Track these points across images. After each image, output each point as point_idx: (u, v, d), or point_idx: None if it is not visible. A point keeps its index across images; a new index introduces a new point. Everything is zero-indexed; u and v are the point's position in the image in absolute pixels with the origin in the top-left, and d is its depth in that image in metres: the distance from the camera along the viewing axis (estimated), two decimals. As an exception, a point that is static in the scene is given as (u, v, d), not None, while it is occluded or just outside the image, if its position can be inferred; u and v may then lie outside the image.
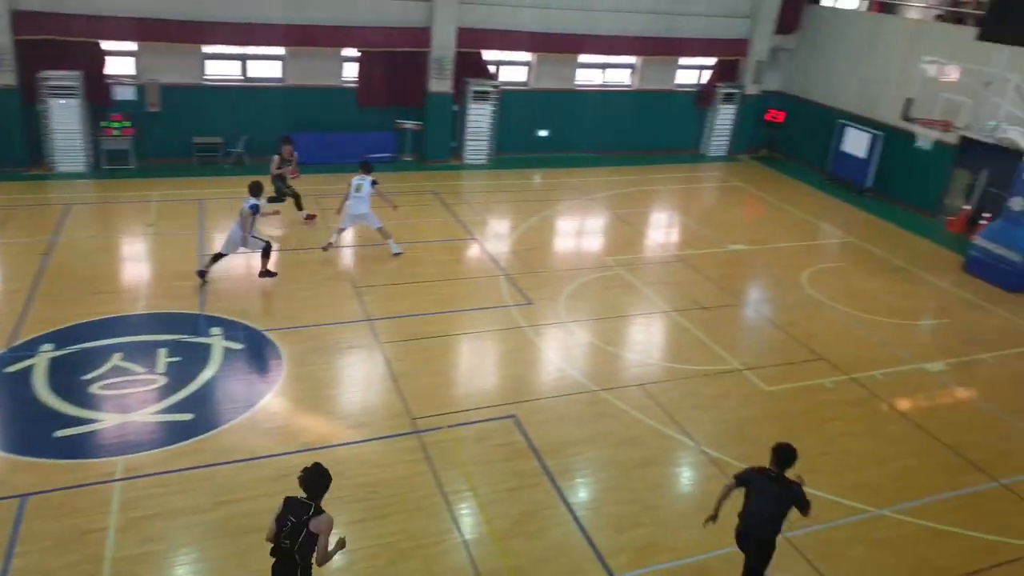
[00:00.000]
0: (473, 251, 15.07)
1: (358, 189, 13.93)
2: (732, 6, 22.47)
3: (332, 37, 18.81)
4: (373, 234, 14.47)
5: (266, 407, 9.61)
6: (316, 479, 5.95)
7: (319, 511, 5.85)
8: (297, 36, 18.48)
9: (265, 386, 10.04)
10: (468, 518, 8.08)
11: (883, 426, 10.34)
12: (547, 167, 21.09)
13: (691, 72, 23.48)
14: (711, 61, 23.14)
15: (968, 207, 18.54)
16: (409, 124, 20.27)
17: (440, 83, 20.04)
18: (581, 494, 8.61)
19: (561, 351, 11.62)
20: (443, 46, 19.69)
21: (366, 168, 14.30)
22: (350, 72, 19.90)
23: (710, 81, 23.19)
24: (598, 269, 14.60)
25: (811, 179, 21.91)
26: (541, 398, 10.31)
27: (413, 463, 8.80)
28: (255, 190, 12.50)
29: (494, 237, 15.92)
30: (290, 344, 11.03)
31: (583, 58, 21.86)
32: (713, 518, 6.96)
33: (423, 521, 7.95)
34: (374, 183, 14.09)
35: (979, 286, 15.19)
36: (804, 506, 6.68)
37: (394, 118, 20.32)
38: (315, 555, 5.81)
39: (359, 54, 19.50)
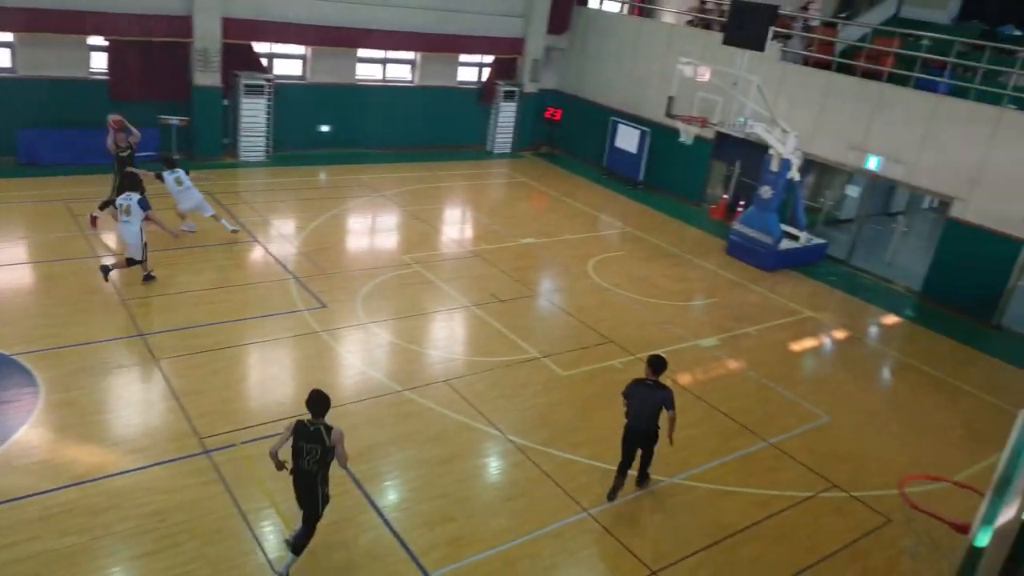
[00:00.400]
0: (257, 254, 14.24)
1: (178, 182, 13.80)
2: (506, 5, 23.06)
3: (71, 23, 16.83)
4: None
5: (21, 442, 8.42)
6: (320, 401, 6.79)
7: (329, 427, 6.80)
8: (24, 20, 16.29)
9: (17, 419, 8.79)
10: (273, 536, 7.60)
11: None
12: (332, 164, 20.44)
13: (472, 69, 23.87)
14: (490, 59, 23.63)
15: (726, 196, 20.45)
16: (174, 120, 18.76)
17: (206, 76, 18.75)
18: (390, 497, 8.40)
19: (361, 354, 11.28)
20: (207, 37, 18.43)
21: (170, 163, 14.03)
22: (100, 63, 18.05)
23: (490, 78, 23.68)
24: (394, 267, 14.37)
25: (590, 174, 23.08)
26: (343, 404, 9.90)
27: (204, 485, 8.11)
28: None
29: (279, 238, 15.15)
30: (46, 368, 9.76)
31: (363, 52, 21.46)
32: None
33: (222, 544, 7.36)
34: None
35: (740, 267, 16.78)
36: (671, 405, 8.39)
37: (157, 113, 18.73)
38: (339, 461, 6.90)
39: (108, 43, 17.75)
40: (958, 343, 14.33)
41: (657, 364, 8.49)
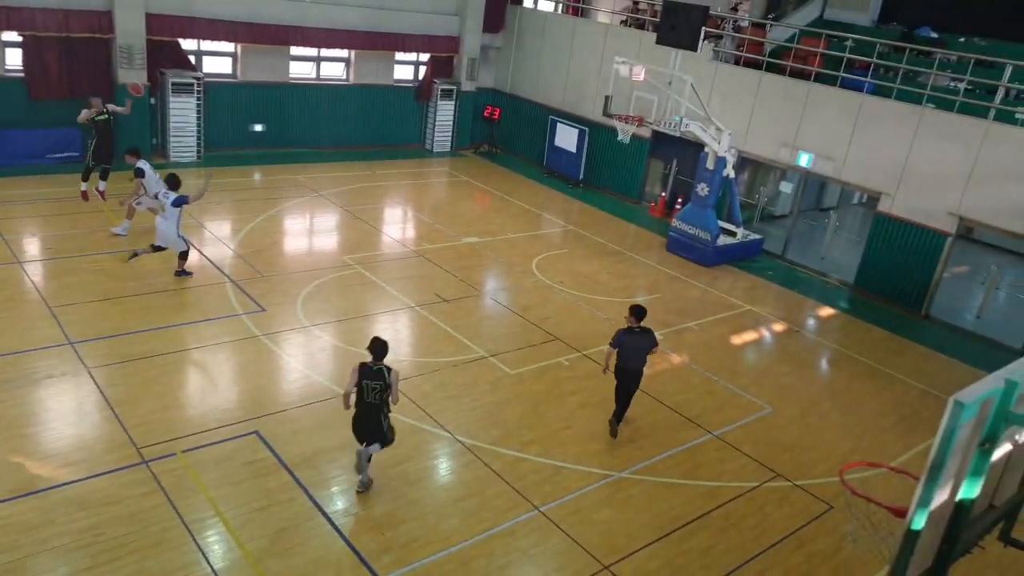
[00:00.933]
0: (191, 257, 13.78)
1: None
2: (441, 3, 22.92)
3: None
4: (65, 244, 12.64)
5: (-57, 458, 7.98)
6: (380, 346, 8.09)
7: (388, 368, 8.07)
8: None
9: (-62, 433, 8.32)
10: (217, 545, 7.36)
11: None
12: (267, 164, 19.99)
13: (409, 68, 23.65)
14: (426, 57, 23.46)
15: (664, 194, 20.75)
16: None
17: (131, 74, 18.10)
18: (339, 502, 8.23)
19: (303, 357, 11.03)
20: (130, 33, 17.79)
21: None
22: (16, 60, 17.26)
23: (427, 77, 23.50)
24: (335, 268, 14.11)
25: (530, 173, 23.12)
26: (286, 409, 9.70)
27: (144, 496, 7.81)
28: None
29: (214, 241, 14.73)
30: (-32, 380, 9.27)
31: (296, 51, 21.04)
32: (605, 370, 9.85)
33: (164, 556, 7.09)
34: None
35: (680, 263, 17.03)
36: (655, 344, 9.86)
37: (79, 112, 17.99)
38: (392, 397, 8.11)
39: (22, 39, 16.98)
40: (890, 333, 14.84)
41: (639, 312, 9.80)
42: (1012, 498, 5.01)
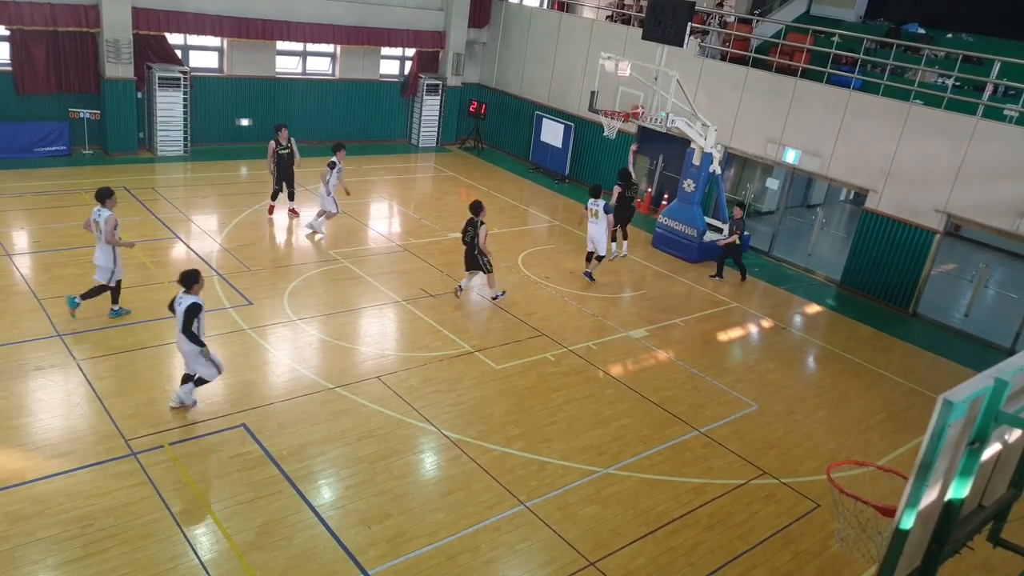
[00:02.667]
0: (178, 251, 13.74)
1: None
2: (426, -2, 22.89)
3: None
4: (53, 237, 12.54)
5: (-72, 451, 7.92)
6: (475, 207, 12.51)
7: (480, 223, 12.56)
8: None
9: (-77, 426, 8.26)
10: (205, 537, 7.34)
11: (601, 391, 11.14)
12: (253, 158, 19.86)
13: (394, 63, 23.57)
14: (412, 52, 23.37)
15: (650, 190, 20.78)
16: (85, 113, 17.93)
17: (118, 68, 17.96)
18: (326, 495, 8.22)
19: (290, 351, 11.00)
20: (116, 27, 17.68)
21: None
22: (3, 54, 17.13)
23: (412, 72, 23.43)
24: (322, 263, 14.07)
25: (516, 168, 23.11)
26: (273, 402, 9.67)
27: (133, 488, 7.78)
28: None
29: (201, 235, 14.64)
30: (-46, 372, 9.20)
31: (282, 45, 20.93)
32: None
33: (152, 548, 7.07)
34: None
35: (666, 259, 17.09)
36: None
37: (67, 106, 17.87)
38: (479, 243, 12.55)
39: (9, 33, 16.85)
40: (877, 330, 14.91)
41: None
42: (1001, 498, 4.99)
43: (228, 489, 8.01)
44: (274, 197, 16.03)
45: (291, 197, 16.19)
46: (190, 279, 8.77)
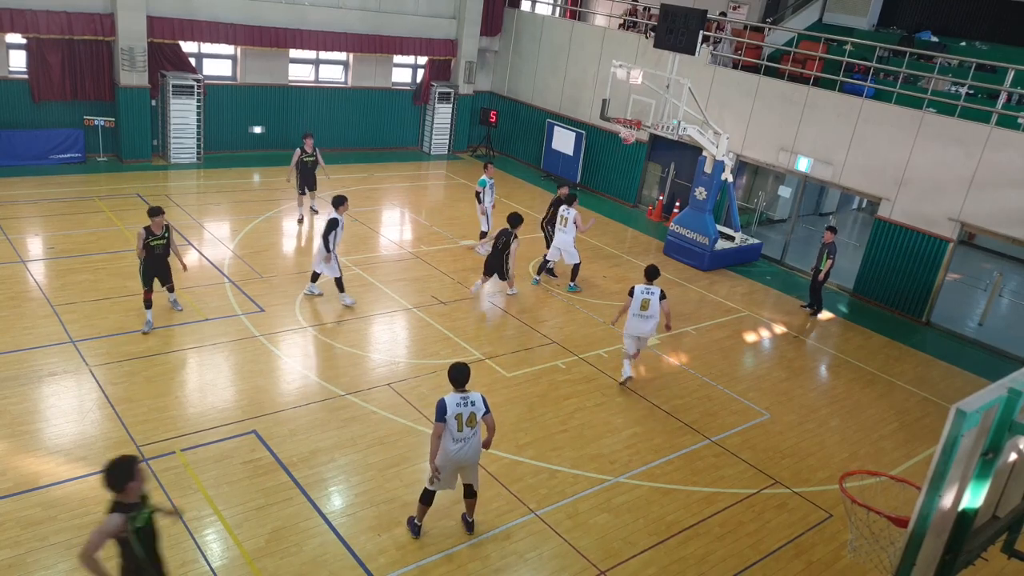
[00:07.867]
0: (191, 257, 13.80)
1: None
2: (439, 7, 22.99)
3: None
4: (67, 244, 12.62)
5: (-57, 455, 7.98)
6: (513, 219, 13.18)
7: (515, 236, 12.79)
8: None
9: (-61, 431, 8.33)
10: (215, 544, 7.35)
11: (612, 399, 11.11)
12: (266, 166, 20.00)
13: (406, 71, 23.67)
14: (424, 60, 23.48)
15: (662, 198, 20.76)
16: (100, 121, 18.10)
17: (132, 76, 18.12)
18: (336, 502, 8.22)
19: (301, 358, 11.03)
20: (132, 35, 17.84)
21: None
22: (20, 61, 17.30)
23: (424, 80, 23.53)
24: (332, 270, 14.09)
25: (528, 176, 23.13)
26: (284, 409, 9.69)
27: (143, 495, 7.79)
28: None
29: (213, 242, 14.73)
30: (-31, 377, 9.28)
31: (295, 53, 21.06)
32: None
33: (163, 554, 7.05)
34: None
35: (677, 267, 17.04)
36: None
37: (82, 114, 18.04)
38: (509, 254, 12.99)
39: (26, 41, 17.03)
40: (889, 339, 14.81)
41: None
42: (1016, 509, 4.93)
43: (239, 495, 8.03)
44: (301, 203, 16.59)
45: (312, 198, 16.63)
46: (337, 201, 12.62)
